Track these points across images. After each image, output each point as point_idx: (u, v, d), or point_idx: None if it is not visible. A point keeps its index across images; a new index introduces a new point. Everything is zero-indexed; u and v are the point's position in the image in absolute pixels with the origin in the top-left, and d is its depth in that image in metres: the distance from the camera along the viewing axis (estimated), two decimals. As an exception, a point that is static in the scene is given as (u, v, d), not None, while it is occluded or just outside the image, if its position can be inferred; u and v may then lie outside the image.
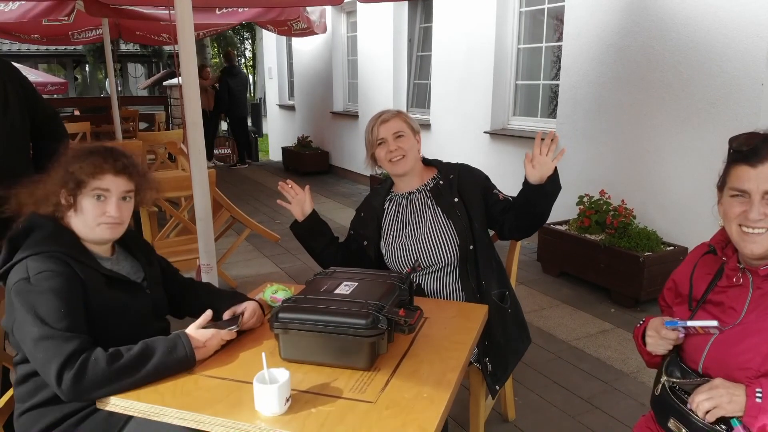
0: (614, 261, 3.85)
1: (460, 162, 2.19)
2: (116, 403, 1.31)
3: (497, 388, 2.02)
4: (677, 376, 1.35)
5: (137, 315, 1.56)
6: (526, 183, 1.91)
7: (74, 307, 1.39)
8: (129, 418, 1.44)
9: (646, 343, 1.41)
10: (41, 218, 1.50)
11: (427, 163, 2.19)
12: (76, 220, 1.52)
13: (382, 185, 2.24)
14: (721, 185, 1.35)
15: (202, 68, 9.55)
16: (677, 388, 1.32)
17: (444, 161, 2.20)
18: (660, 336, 1.37)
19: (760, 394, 1.18)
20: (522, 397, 2.72)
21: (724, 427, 1.22)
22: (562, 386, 2.84)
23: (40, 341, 1.32)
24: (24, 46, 15.97)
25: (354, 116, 8.39)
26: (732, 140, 1.32)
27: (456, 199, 2.04)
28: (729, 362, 1.27)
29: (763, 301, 1.28)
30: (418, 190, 2.12)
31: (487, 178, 2.13)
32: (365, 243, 2.14)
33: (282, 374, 1.25)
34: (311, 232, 2.10)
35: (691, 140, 3.90)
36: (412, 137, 2.09)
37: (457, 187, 2.06)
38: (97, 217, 1.50)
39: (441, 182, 2.10)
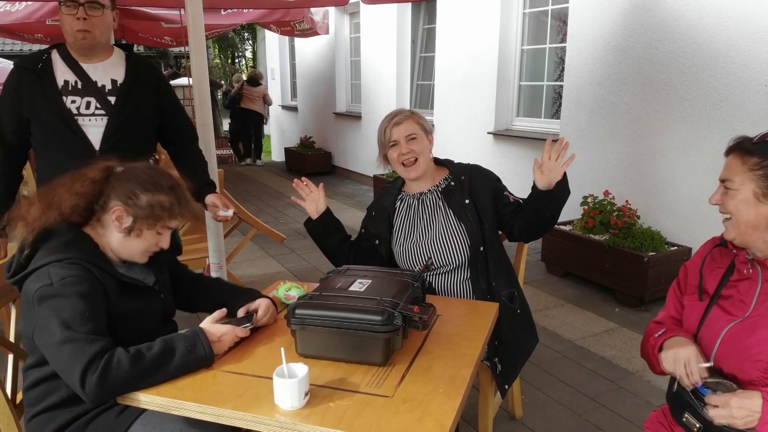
0: (618, 261, 3.87)
1: (471, 163, 2.20)
2: (137, 398, 1.33)
3: (506, 387, 2.04)
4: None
5: (149, 319, 1.57)
6: (534, 188, 1.93)
7: (97, 312, 1.39)
8: (136, 417, 1.46)
9: (663, 358, 1.38)
10: (57, 224, 1.48)
11: (438, 162, 2.20)
12: (120, 238, 1.51)
13: (393, 184, 2.25)
14: None
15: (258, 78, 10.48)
16: (688, 391, 1.34)
17: (455, 161, 2.21)
18: (686, 369, 1.32)
19: None
20: (529, 395, 2.74)
21: None
22: (568, 385, 2.86)
23: (63, 344, 1.32)
24: (26, 47, 15.99)
25: (357, 117, 8.42)
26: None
27: (467, 201, 2.05)
28: (740, 355, 1.29)
29: None
30: (429, 191, 2.13)
31: (498, 179, 2.14)
32: (376, 242, 2.16)
33: (301, 369, 1.28)
34: (325, 230, 2.12)
35: (694, 141, 3.93)
36: (425, 139, 2.09)
37: (469, 188, 2.07)
38: (150, 246, 1.55)
39: (452, 183, 2.11)
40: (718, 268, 1.43)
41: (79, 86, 2.12)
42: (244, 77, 11.09)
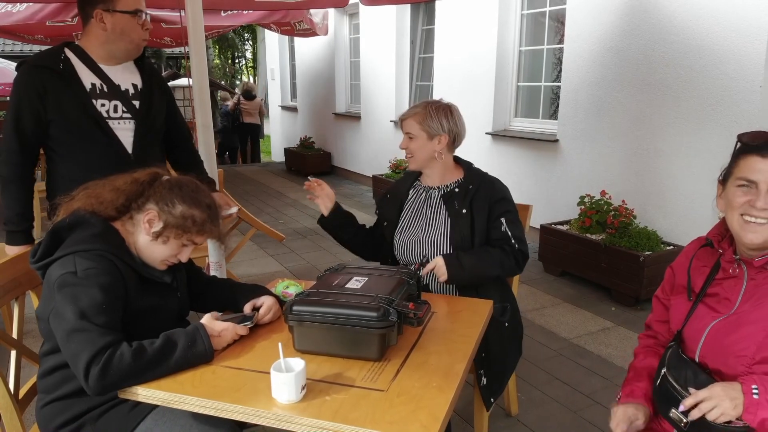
0: (615, 260, 3.90)
1: (490, 175, 2.18)
2: (138, 392, 1.36)
3: (492, 400, 2.06)
4: (676, 371, 1.39)
5: (165, 316, 1.60)
6: None
7: (115, 306, 1.43)
8: (148, 412, 1.49)
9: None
10: (88, 215, 1.53)
11: (457, 162, 2.21)
12: (147, 240, 1.54)
13: (413, 172, 2.28)
14: (725, 177, 1.38)
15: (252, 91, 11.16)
16: (674, 386, 1.37)
17: (474, 166, 2.21)
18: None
19: (756, 391, 1.22)
20: (525, 392, 2.77)
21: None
22: (564, 382, 2.89)
23: (75, 332, 1.35)
24: (26, 47, 16.02)
25: (356, 117, 8.45)
26: (742, 135, 1.35)
27: (464, 210, 2.06)
28: (725, 351, 1.32)
29: (757, 291, 1.33)
30: (438, 188, 2.16)
31: (502, 200, 2.08)
32: (385, 224, 2.22)
33: (298, 363, 1.31)
34: (338, 225, 2.21)
35: (690, 141, 3.96)
36: (424, 139, 2.09)
37: (471, 198, 2.07)
38: (170, 256, 1.58)
39: (456, 190, 2.12)
40: (704, 267, 1.45)
41: (105, 89, 2.12)
42: (220, 95, 11.77)
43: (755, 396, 1.21)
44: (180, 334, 1.44)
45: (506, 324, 2.08)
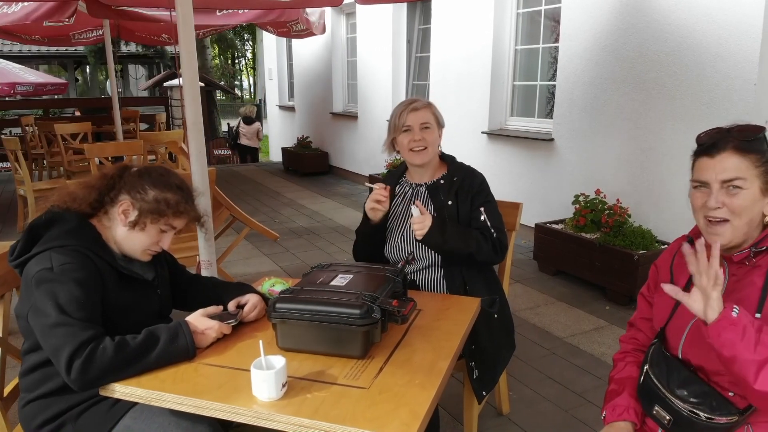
0: (609, 259, 3.89)
1: (470, 166, 2.21)
2: (118, 390, 1.35)
3: (484, 393, 2.05)
4: (658, 369, 1.38)
5: (145, 313, 1.60)
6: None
7: (93, 300, 1.43)
8: (127, 410, 1.48)
9: None
10: (63, 211, 1.53)
11: (442, 158, 2.22)
12: (125, 231, 1.55)
13: (397, 169, 2.31)
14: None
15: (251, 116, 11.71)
16: (656, 384, 1.36)
17: (457, 160, 2.22)
18: None
19: (736, 310, 1.18)
20: (516, 391, 2.77)
21: (703, 415, 1.27)
22: (557, 381, 2.88)
23: (55, 327, 1.35)
24: (25, 47, 16.04)
25: (353, 117, 8.44)
26: (697, 137, 1.37)
27: (450, 202, 2.07)
28: (707, 346, 1.31)
29: (737, 286, 1.32)
30: (426, 184, 2.17)
31: (481, 192, 2.11)
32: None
33: (278, 361, 1.30)
34: (367, 237, 2.20)
35: (684, 139, 3.95)
36: (437, 130, 2.14)
37: (456, 190, 2.09)
38: (151, 245, 1.58)
39: (441, 182, 2.13)
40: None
41: None
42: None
43: (734, 313, 1.17)
44: (162, 329, 1.44)
45: (495, 315, 2.07)
